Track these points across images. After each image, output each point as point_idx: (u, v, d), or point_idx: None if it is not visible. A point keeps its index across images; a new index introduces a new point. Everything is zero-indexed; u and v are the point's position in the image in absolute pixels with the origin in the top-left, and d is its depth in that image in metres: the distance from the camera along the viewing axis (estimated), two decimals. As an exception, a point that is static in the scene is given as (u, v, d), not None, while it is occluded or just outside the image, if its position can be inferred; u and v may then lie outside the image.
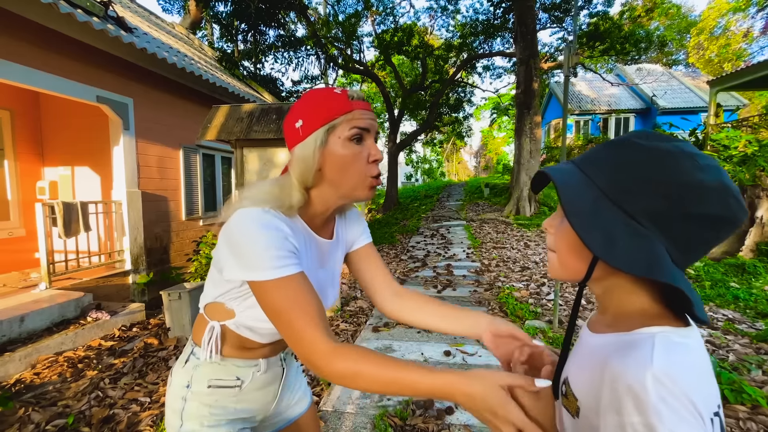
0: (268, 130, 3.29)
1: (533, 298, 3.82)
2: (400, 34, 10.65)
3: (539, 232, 7.30)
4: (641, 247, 0.39)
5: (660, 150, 0.40)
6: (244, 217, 0.66)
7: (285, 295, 0.63)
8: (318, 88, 0.71)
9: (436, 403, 2.06)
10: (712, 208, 0.38)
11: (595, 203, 0.41)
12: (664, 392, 0.35)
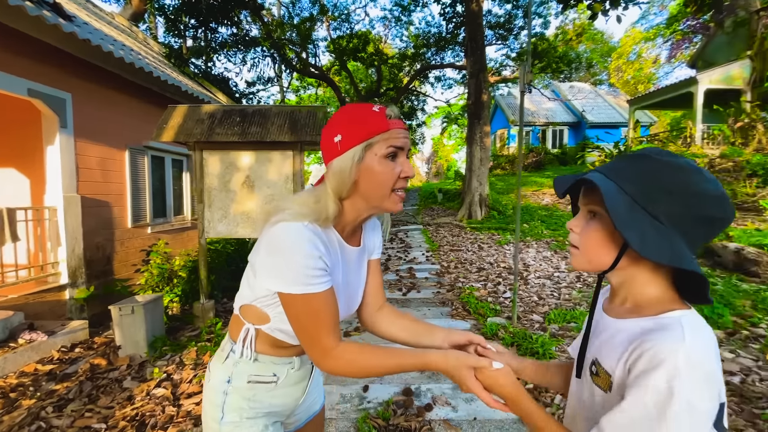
0: (232, 133, 3.18)
1: (491, 297, 4.08)
2: (355, 40, 10.77)
3: (490, 235, 7.76)
4: (666, 242, 0.49)
5: (674, 165, 0.51)
6: (286, 231, 0.71)
7: (308, 308, 0.71)
8: (356, 104, 0.76)
9: (416, 401, 2.14)
10: (715, 211, 0.50)
11: (628, 207, 0.51)
12: (696, 366, 0.45)
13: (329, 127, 0.76)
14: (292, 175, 3.35)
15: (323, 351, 0.72)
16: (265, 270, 0.73)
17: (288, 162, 3.35)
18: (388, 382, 2.36)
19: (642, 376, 0.48)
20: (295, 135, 3.22)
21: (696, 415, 0.45)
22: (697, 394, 0.45)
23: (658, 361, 0.46)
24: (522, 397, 0.64)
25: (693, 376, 0.45)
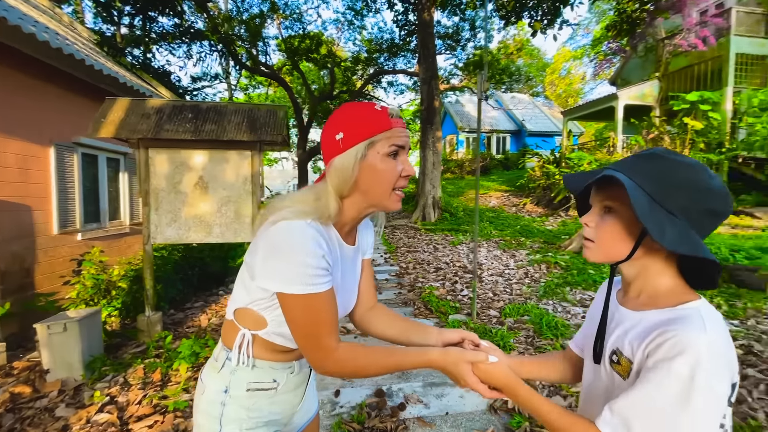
0: (184, 130, 2.96)
1: (450, 295, 4.24)
2: (308, 41, 10.60)
3: (444, 236, 8.06)
4: (682, 233, 0.55)
5: (684, 164, 0.57)
6: (289, 230, 0.68)
7: (309, 309, 0.69)
8: (358, 103, 0.76)
9: (389, 402, 2.15)
10: (719, 205, 0.57)
11: (648, 202, 0.56)
12: (714, 353, 0.50)
13: (330, 124, 0.75)
14: (251, 175, 3.20)
15: (324, 353, 0.71)
16: (264, 270, 0.70)
17: (246, 162, 3.19)
18: (359, 385, 2.35)
19: (663, 362, 0.52)
20: (254, 134, 3.08)
21: (715, 399, 0.50)
22: (716, 379, 0.50)
23: (681, 349, 0.50)
24: (518, 386, 0.68)
25: (714, 364, 0.50)
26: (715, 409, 0.50)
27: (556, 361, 0.84)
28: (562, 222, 8.77)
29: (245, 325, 0.79)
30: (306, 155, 10.47)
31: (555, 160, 11.28)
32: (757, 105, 8.51)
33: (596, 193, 0.66)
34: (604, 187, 0.63)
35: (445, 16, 11.75)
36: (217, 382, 0.80)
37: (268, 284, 0.70)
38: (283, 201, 0.76)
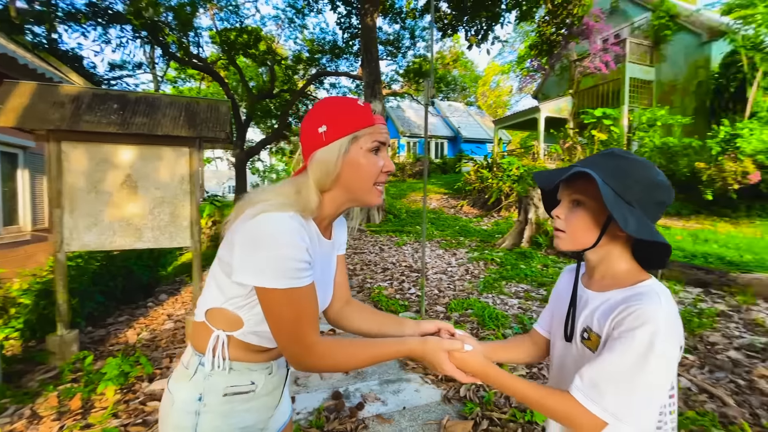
0: (109, 122, 2.64)
1: (399, 294, 4.35)
2: (246, 36, 10.08)
3: (389, 237, 8.21)
4: (640, 221, 0.64)
5: (638, 162, 0.67)
6: (271, 222, 0.66)
7: (292, 304, 0.67)
8: (340, 97, 0.76)
9: (346, 403, 2.14)
10: (666, 197, 0.67)
11: (613, 196, 0.65)
12: (669, 323, 0.60)
13: (312, 117, 0.74)
14: (189, 174, 2.96)
15: (306, 348, 0.69)
16: (244, 265, 0.66)
17: (184, 160, 2.94)
18: (315, 389, 2.30)
19: (628, 331, 0.61)
20: (193, 130, 2.86)
21: (667, 361, 0.60)
22: (670, 345, 0.60)
23: (643, 321, 0.60)
24: (491, 370, 0.74)
25: (668, 332, 0.60)
26: (667, 370, 0.61)
27: (523, 344, 0.93)
28: (495, 222, 9.49)
29: (219, 326, 0.74)
30: (244, 155, 9.90)
31: (488, 165, 12.19)
32: (645, 122, 10.13)
33: (565, 188, 0.74)
34: (573, 183, 0.71)
35: (386, 23, 12.03)
36: (189, 390, 0.74)
37: (248, 279, 0.66)
38: (261, 194, 0.73)
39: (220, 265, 0.73)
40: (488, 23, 7.79)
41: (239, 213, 0.72)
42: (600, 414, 0.61)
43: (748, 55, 8.71)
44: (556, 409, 0.66)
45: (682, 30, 11.00)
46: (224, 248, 0.72)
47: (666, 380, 0.62)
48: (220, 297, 0.73)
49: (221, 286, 0.73)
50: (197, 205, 2.97)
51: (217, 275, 0.74)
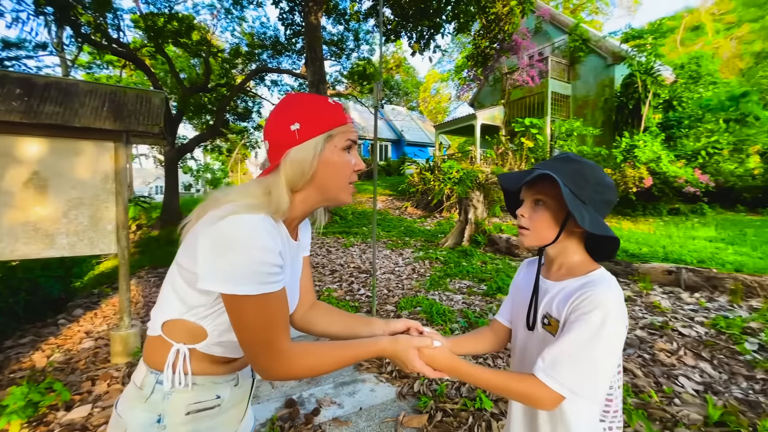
0: (9, 109, 2.25)
1: (349, 296, 4.33)
2: (176, 23, 9.25)
3: (336, 239, 8.14)
4: (594, 218, 0.72)
5: (589, 165, 0.76)
6: (242, 224, 0.62)
7: (263, 310, 0.64)
8: (308, 94, 0.74)
9: (301, 410, 2.08)
10: (612, 196, 0.76)
11: (571, 195, 0.72)
12: (617, 307, 0.68)
13: (282, 114, 0.71)
14: (115, 172, 2.64)
15: (276, 355, 0.66)
16: (212, 271, 0.62)
17: (107, 156, 2.62)
18: (266, 399, 2.20)
19: (583, 314, 0.69)
20: (120, 122, 2.56)
21: (617, 339, 0.69)
22: (619, 325, 0.69)
23: (596, 305, 0.68)
24: (458, 364, 0.78)
25: (617, 313, 0.69)
26: (616, 346, 0.70)
27: (485, 335, 0.99)
28: (438, 222, 9.91)
29: (179, 340, 0.69)
30: (175, 152, 9.05)
31: (430, 168, 12.69)
32: (564, 132, 11.38)
33: (527, 190, 0.81)
34: (534, 185, 0.79)
35: (330, 23, 11.92)
36: (145, 413, 0.67)
37: (215, 286, 0.62)
38: (228, 194, 0.69)
39: (180, 273, 0.68)
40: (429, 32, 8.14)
41: (201, 214, 0.68)
42: (558, 389, 0.68)
43: (642, 78, 10.25)
44: (519, 389, 0.72)
45: (592, 53, 12.57)
46: (184, 254, 0.67)
47: (615, 356, 0.70)
48: (180, 307, 0.68)
49: (182, 295, 0.67)
50: (125, 206, 2.66)
51: (177, 284, 0.68)
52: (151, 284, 5.26)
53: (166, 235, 8.78)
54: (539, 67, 12.54)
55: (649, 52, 10.18)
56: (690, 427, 1.76)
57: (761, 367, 2.23)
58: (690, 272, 3.92)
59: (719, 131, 9.30)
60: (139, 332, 2.86)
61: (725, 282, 3.66)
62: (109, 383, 2.40)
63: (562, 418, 0.76)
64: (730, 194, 8.44)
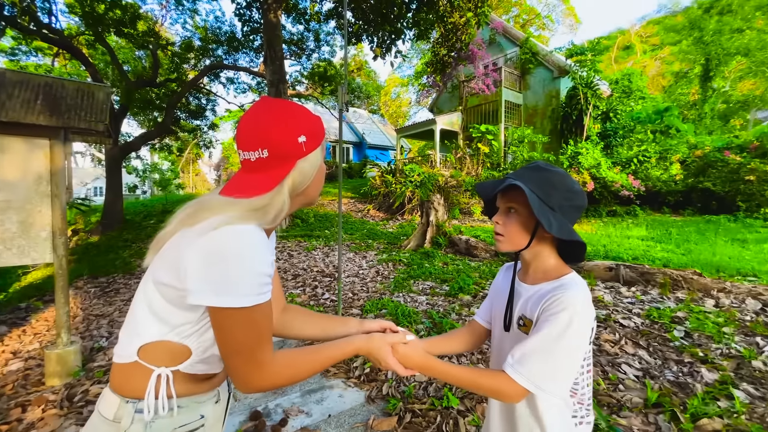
0: None
1: (313, 300, 4.25)
2: (118, 11, 8.54)
3: (298, 243, 7.96)
4: (562, 224, 0.76)
5: (558, 172, 0.80)
6: (239, 236, 0.61)
7: (252, 322, 0.63)
8: (299, 105, 0.74)
9: (268, 421, 2.01)
10: (581, 202, 0.81)
11: (539, 203, 0.76)
12: (585, 308, 0.73)
13: (288, 125, 0.68)
14: (50, 173, 2.38)
15: (260, 367, 0.65)
16: (207, 284, 0.59)
17: (41, 155, 2.36)
18: (230, 412, 2.08)
19: (552, 315, 0.74)
20: (56, 118, 2.32)
21: (583, 337, 0.74)
22: (585, 324, 0.74)
23: (565, 306, 0.73)
24: (431, 362, 0.81)
25: (584, 315, 0.74)
26: (581, 346, 0.75)
27: (462, 335, 1.03)
28: (400, 225, 10.04)
29: (160, 363, 0.65)
30: (119, 151, 8.30)
31: (391, 171, 12.84)
32: (517, 138, 12.07)
33: (501, 198, 0.86)
34: (507, 193, 0.84)
35: (290, 22, 11.66)
36: None
37: (211, 300, 0.59)
38: (215, 204, 0.66)
39: (160, 291, 0.64)
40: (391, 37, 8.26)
41: (183, 225, 0.65)
42: (524, 383, 0.73)
43: (583, 91, 11.18)
44: (490, 385, 0.76)
45: (540, 65, 13.48)
46: (164, 269, 0.63)
47: (580, 354, 0.76)
48: (161, 328, 0.64)
49: (163, 315, 0.64)
50: (63, 210, 2.41)
51: (155, 303, 0.64)
52: (90, 295, 4.79)
53: (107, 241, 8.04)
54: (493, 76, 13.21)
55: (589, 68, 11.13)
56: (633, 410, 1.95)
57: (688, 352, 2.52)
58: (627, 268, 4.33)
59: (648, 141, 10.40)
60: (79, 349, 2.59)
61: (656, 276, 4.09)
62: (44, 408, 2.15)
63: (537, 416, 0.81)
64: (657, 197, 9.44)
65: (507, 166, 12.01)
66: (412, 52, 25.54)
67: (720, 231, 7.01)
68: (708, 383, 2.14)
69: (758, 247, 5.59)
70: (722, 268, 4.47)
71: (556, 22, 30.72)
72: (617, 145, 10.84)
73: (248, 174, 0.69)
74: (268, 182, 0.69)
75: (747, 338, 2.68)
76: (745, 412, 1.84)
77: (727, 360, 2.39)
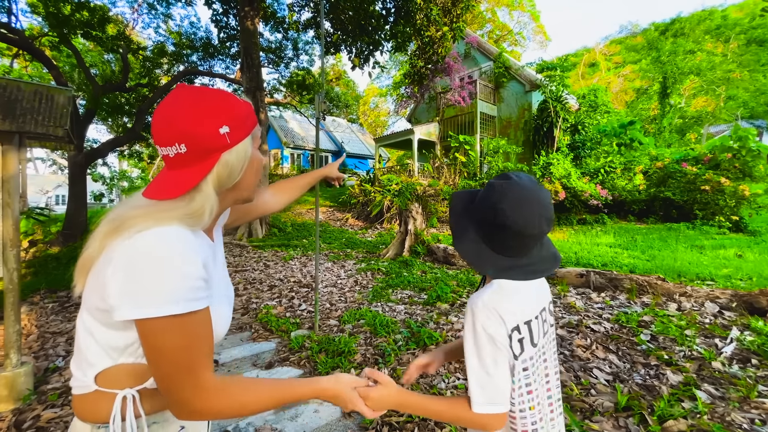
0: None
1: (289, 312, 4.15)
2: (86, 12, 8.21)
3: (274, 252, 7.79)
4: (472, 247, 0.78)
5: (491, 185, 0.78)
6: (155, 239, 0.56)
7: (185, 333, 0.57)
8: (224, 91, 0.67)
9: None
10: (501, 220, 0.77)
11: (460, 224, 0.80)
12: (483, 309, 0.73)
13: (207, 114, 0.62)
14: (2, 180, 2.22)
15: (197, 387, 0.58)
16: (127, 298, 0.54)
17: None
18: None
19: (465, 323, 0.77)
20: (11, 122, 2.17)
21: (491, 337, 0.72)
22: (490, 323, 0.72)
23: (468, 309, 0.76)
24: (406, 401, 0.77)
25: (480, 316, 0.73)
26: (494, 346, 0.72)
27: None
28: (379, 234, 10.04)
29: (123, 386, 0.61)
30: (84, 158, 7.88)
31: (370, 180, 12.87)
32: (492, 149, 12.43)
33: None
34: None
35: (268, 30, 11.59)
36: None
37: (132, 312, 0.53)
38: (133, 208, 0.61)
39: (95, 316, 0.59)
40: (369, 48, 8.37)
41: (108, 239, 0.58)
42: (477, 407, 0.72)
43: (553, 105, 11.69)
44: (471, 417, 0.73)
45: (513, 79, 14.02)
46: (94, 293, 0.58)
47: (494, 355, 0.72)
48: (111, 354, 0.60)
49: (106, 341, 0.59)
50: (15, 221, 2.25)
51: (96, 332, 0.59)
52: (48, 311, 4.47)
53: (68, 252, 7.56)
54: (469, 89, 13.59)
55: (558, 83, 11.67)
56: (604, 414, 2.00)
57: (654, 355, 2.63)
58: (597, 275, 4.49)
59: (613, 153, 10.95)
60: (31, 370, 2.40)
61: (623, 282, 4.27)
62: (-12, 438, 1.96)
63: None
64: (623, 206, 9.92)
65: (483, 175, 12.31)
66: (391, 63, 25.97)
67: (680, 238, 7.43)
68: (673, 385, 2.23)
69: (714, 253, 5.96)
70: (683, 273, 4.72)
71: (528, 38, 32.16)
72: (585, 156, 11.35)
73: (170, 171, 0.63)
74: (188, 179, 0.62)
75: (707, 340, 2.83)
76: (707, 412, 1.93)
77: (690, 362, 2.50)
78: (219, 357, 2.95)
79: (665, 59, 21.63)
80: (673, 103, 18.98)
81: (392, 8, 8.22)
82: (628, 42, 36.31)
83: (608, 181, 10.09)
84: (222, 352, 3.04)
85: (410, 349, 2.98)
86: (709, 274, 4.62)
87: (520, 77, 13.74)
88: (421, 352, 2.93)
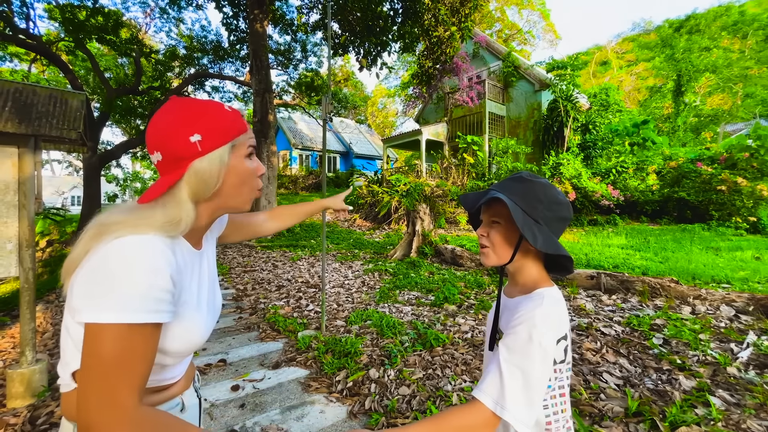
0: None
1: (297, 312, 4.17)
2: (101, 18, 8.41)
3: (283, 253, 7.84)
4: (547, 238, 0.74)
5: (542, 183, 0.78)
6: (124, 247, 0.56)
7: (129, 345, 0.55)
8: (204, 101, 0.68)
9: (244, 438, 1.93)
10: (565, 213, 0.78)
11: (523, 215, 0.74)
12: (544, 321, 0.69)
13: (176, 124, 0.63)
14: (19, 182, 2.29)
15: (119, 412, 0.53)
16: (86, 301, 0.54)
17: (9, 163, 2.27)
18: (204, 431, 2.00)
19: (512, 329, 0.72)
20: (26, 125, 2.23)
21: (545, 350, 0.69)
22: (546, 338, 0.69)
23: (523, 320, 0.71)
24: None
25: (542, 329, 0.69)
26: (544, 359, 0.69)
27: None
28: (386, 234, 10.03)
29: None
30: (97, 160, 8.07)
31: (378, 181, 12.88)
32: (501, 149, 12.32)
33: (484, 210, 0.84)
34: (491, 206, 0.82)
35: (277, 32, 11.70)
36: None
37: (86, 315, 0.53)
38: (110, 217, 0.62)
39: (73, 316, 0.60)
40: (377, 49, 8.39)
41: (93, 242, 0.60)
42: (484, 399, 0.68)
43: (563, 104, 11.54)
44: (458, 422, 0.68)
45: (522, 79, 13.88)
46: (71, 291, 0.60)
47: (543, 369, 0.69)
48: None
49: (78, 340, 0.60)
50: (31, 221, 2.31)
51: (72, 330, 0.61)
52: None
53: (82, 252, 7.74)
54: (477, 89, 13.51)
55: (568, 82, 11.52)
56: (614, 419, 1.96)
57: (666, 359, 2.57)
58: (608, 277, 4.41)
59: (625, 153, 10.76)
60: (46, 368, 2.46)
61: (635, 284, 4.18)
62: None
63: None
64: (635, 207, 9.73)
65: (492, 176, 12.21)
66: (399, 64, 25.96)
67: (695, 239, 7.25)
68: (686, 390, 2.18)
69: (730, 255, 5.80)
70: (698, 276, 4.60)
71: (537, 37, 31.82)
72: (596, 156, 11.18)
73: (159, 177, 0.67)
74: (159, 186, 0.63)
75: (722, 344, 2.75)
76: (722, 419, 1.87)
77: (704, 367, 2.43)
78: (227, 356, 2.98)
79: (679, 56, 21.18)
80: (688, 102, 18.57)
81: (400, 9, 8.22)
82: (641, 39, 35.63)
83: (620, 182, 9.91)
84: (230, 352, 3.07)
85: (417, 350, 2.97)
86: (725, 277, 4.50)
87: (530, 76, 13.60)
88: (428, 353, 2.92)
